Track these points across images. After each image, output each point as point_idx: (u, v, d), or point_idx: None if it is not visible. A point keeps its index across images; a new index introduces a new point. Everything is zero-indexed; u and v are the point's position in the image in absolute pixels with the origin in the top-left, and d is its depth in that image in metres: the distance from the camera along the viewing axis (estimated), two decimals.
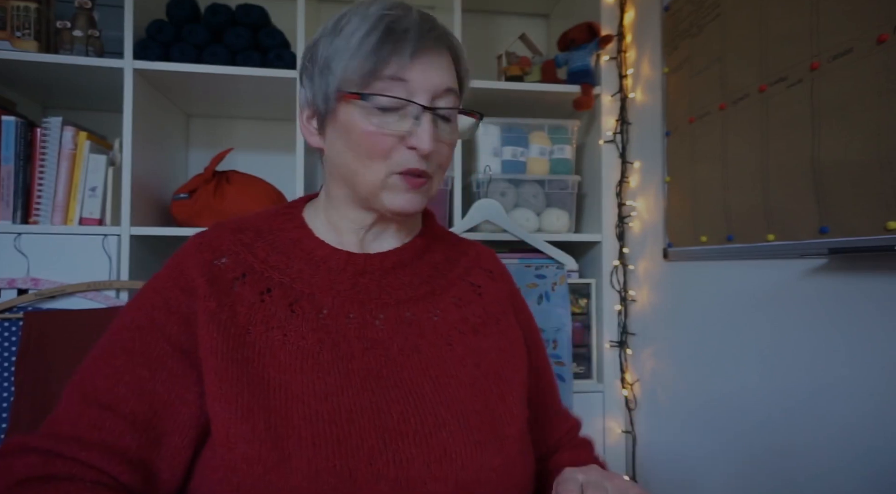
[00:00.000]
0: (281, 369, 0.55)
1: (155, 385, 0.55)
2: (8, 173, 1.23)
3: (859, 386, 0.80)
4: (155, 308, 0.58)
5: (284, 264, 0.62)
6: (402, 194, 0.60)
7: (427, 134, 0.57)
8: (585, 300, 1.48)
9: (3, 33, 1.27)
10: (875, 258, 0.77)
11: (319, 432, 0.52)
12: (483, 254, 0.76)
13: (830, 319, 0.84)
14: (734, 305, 1.06)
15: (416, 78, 0.57)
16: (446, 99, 0.60)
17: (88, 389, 0.55)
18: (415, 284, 0.65)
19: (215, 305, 0.57)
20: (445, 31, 0.61)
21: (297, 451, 0.50)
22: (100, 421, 0.52)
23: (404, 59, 0.57)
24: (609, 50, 1.47)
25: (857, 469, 0.79)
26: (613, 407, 1.43)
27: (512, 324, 0.69)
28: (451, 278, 0.68)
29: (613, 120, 1.47)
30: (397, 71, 0.57)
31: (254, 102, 1.57)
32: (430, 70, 0.58)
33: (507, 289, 0.73)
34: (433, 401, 0.57)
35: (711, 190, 1.10)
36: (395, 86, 0.57)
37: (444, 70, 0.60)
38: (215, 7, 1.37)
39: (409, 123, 0.58)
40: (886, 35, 0.73)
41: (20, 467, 0.50)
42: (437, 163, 0.61)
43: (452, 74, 0.61)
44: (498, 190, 1.45)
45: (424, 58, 0.58)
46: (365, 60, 0.56)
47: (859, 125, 0.77)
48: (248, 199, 1.39)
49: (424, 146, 0.57)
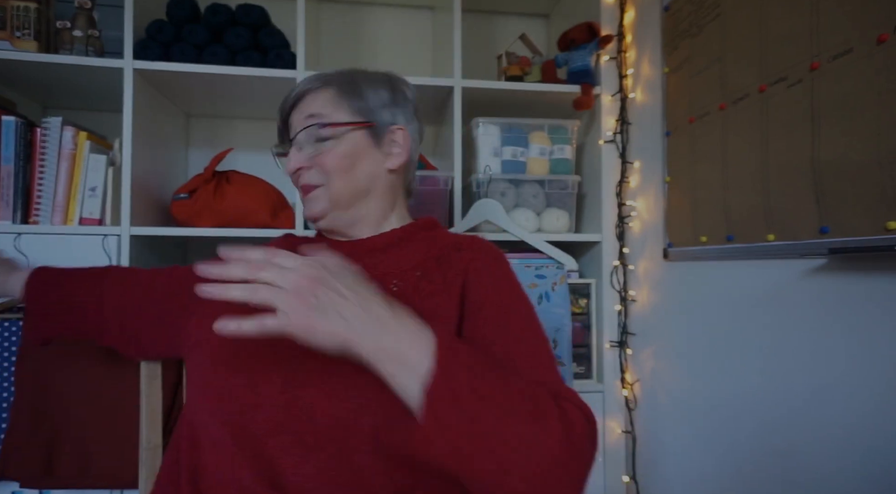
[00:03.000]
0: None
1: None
2: (8, 173, 1.23)
3: (860, 386, 0.80)
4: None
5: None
6: (305, 204, 0.82)
7: (290, 161, 0.80)
8: (585, 300, 1.48)
9: (3, 33, 1.27)
10: (875, 258, 0.77)
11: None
12: (466, 240, 0.81)
13: (830, 319, 0.84)
14: (734, 305, 1.06)
15: (292, 121, 0.82)
16: (304, 123, 0.79)
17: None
18: (386, 263, 0.77)
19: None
20: (316, 77, 0.82)
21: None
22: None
23: (283, 115, 0.84)
24: (609, 50, 1.47)
25: (858, 469, 0.79)
26: (613, 407, 1.43)
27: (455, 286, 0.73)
28: (404, 267, 0.76)
29: (613, 120, 1.47)
30: (283, 123, 0.85)
31: (254, 102, 1.57)
32: (297, 112, 0.81)
33: (468, 257, 0.76)
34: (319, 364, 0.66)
35: (711, 190, 1.10)
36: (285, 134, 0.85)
37: (306, 106, 0.80)
38: (215, 7, 1.37)
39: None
40: (886, 35, 0.73)
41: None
42: (323, 173, 0.78)
43: (319, 102, 0.79)
44: (498, 190, 1.45)
45: (292, 105, 0.82)
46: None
47: (859, 125, 0.77)
48: (248, 199, 1.39)
49: (287, 170, 0.80)
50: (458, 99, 1.44)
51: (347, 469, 0.62)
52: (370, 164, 0.80)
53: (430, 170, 1.51)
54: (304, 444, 0.62)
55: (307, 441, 0.62)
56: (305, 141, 0.79)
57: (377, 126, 0.81)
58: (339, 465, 0.62)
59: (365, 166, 0.79)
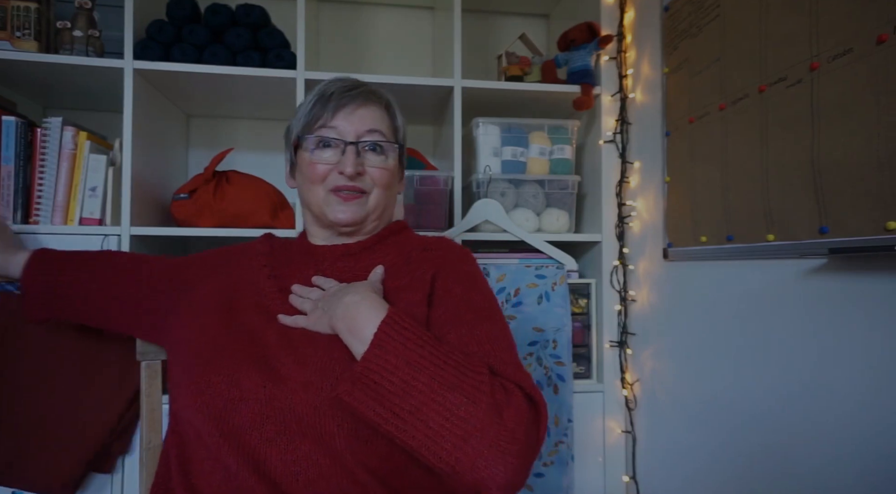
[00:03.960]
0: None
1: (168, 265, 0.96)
2: (8, 174, 1.23)
3: (860, 386, 0.80)
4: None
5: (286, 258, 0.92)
6: (337, 206, 0.83)
7: (349, 160, 0.80)
8: (585, 300, 1.48)
9: (3, 33, 1.27)
10: (875, 258, 0.77)
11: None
12: (434, 241, 0.88)
13: (830, 319, 0.84)
14: (734, 305, 1.06)
15: (340, 124, 0.82)
16: (371, 136, 0.83)
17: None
18: (360, 266, 0.85)
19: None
20: (369, 91, 0.85)
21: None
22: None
23: (329, 113, 0.82)
24: (609, 50, 1.47)
25: (858, 468, 0.79)
26: (613, 407, 1.43)
27: (423, 280, 0.79)
28: (392, 259, 0.85)
29: (613, 120, 1.47)
30: (325, 121, 0.82)
31: (254, 102, 1.57)
32: (350, 118, 0.82)
33: (437, 255, 0.84)
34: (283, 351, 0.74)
35: (711, 190, 1.10)
36: (326, 132, 0.82)
37: (366, 116, 0.83)
38: (215, 7, 1.37)
39: (339, 156, 0.82)
40: (886, 35, 0.73)
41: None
42: (371, 183, 0.84)
43: (378, 119, 0.84)
44: (498, 190, 1.45)
45: (346, 110, 0.82)
46: (304, 120, 0.84)
47: (859, 125, 0.77)
48: (248, 199, 1.39)
49: (347, 169, 0.80)
50: (458, 99, 1.44)
51: (328, 453, 0.67)
52: (395, 183, 0.90)
53: (430, 170, 1.51)
54: (287, 433, 0.67)
55: (289, 430, 0.67)
56: (362, 147, 0.83)
57: (402, 149, 0.90)
58: (319, 450, 0.67)
59: (394, 185, 0.89)
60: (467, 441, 0.59)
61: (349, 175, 0.81)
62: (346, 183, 0.81)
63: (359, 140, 0.82)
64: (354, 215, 0.83)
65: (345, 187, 0.82)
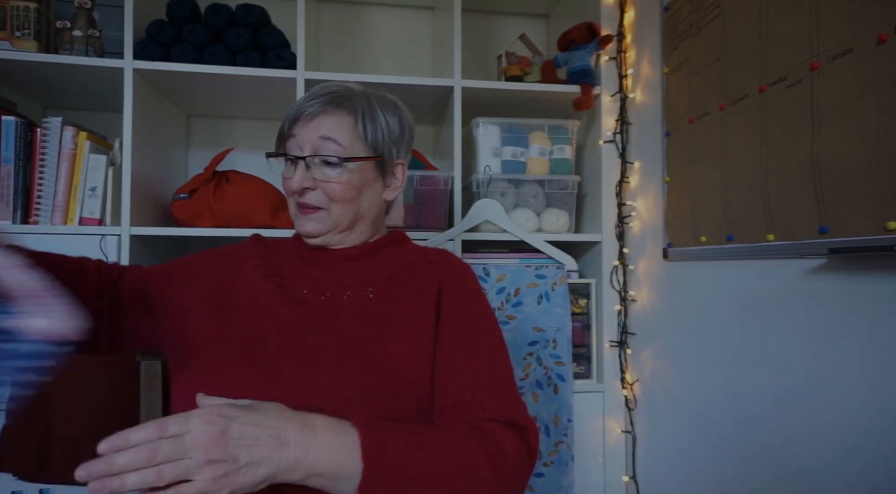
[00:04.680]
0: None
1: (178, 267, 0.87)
2: (8, 174, 1.23)
3: (860, 386, 0.80)
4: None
5: (281, 260, 0.86)
6: (300, 219, 0.81)
7: (297, 176, 0.78)
8: (585, 300, 1.48)
9: (3, 33, 1.27)
10: (875, 258, 0.77)
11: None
12: (434, 254, 0.86)
13: (830, 319, 0.84)
14: (734, 305, 1.06)
15: (299, 133, 0.79)
16: (326, 148, 0.77)
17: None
18: (359, 272, 0.81)
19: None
20: (339, 97, 0.79)
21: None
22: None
23: (288, 122, 0.80)
24: (609, 50, 1.47)
25: (858, 468, 0.79)
26: (613, 407, 1.43)
27: (428, 297, 0.78)
28: (393, 267, 0.82)
29: (613, 120, 1.47)
30: (288, 130, 0.80)
31: (254, 102, 1.57)
32: (306, 127, 0.78)
33: (441, 270, 0.82)
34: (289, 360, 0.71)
35: (711, 190, 1.10)
36: (291, 142, 0.80)
37: (323, 125, 0.78)
38: (215, 7, 1.37)
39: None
40: (886, 35, 0.73)
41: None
42: (325, 198, 0.79)
43: (338, 127, 0.78)
44: (498, 190, 1.45)
45: (305, 119, 0.78)
46: (280, 128, 0.83)
47: (859, 125, 0.77)
48: (248, 199, 1.39)
49: (293, 186, 0.79)
50: (458, 99, 1.44)
51: None
52: (371, 194, 0.83)
53: (430, 170, 1.51)
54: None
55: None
56: (313, 161, 0.78)
57: (384, 161, 0.83)
58: None
59: (367, 196, 0.82)
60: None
61: (294, 191, 0.79)
62: (300, 200, 0.80)
63: (311, 153, 0.77)
64: (316, 228, 0.80)
65: (300, 203, 0.80)
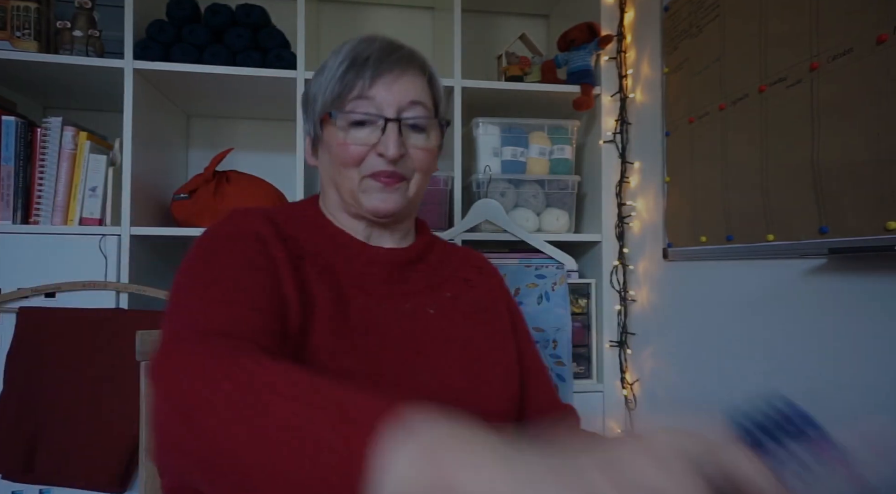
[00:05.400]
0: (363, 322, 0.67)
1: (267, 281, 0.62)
2: (8, 174, 1.23)
3: (860, 386, 0.80)
4: (240, 253, 0.63)
5: (311, 243, 0.70)
6: (376, 193, 0.69)
7: (391, 141, 0.67)
8: (585, 300, 1.48)
9: (3, 33, 1.27)
10: (875, 258, 0.77)
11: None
12: (472, 254, 0.86)
13: (830, 319, 0.84)
14: (734, 305, 1.06)
15: (379, 95, 0.68)
16: (413, 110, 0.69)
17: (206, 299, 0.58)
18: (413, 280, 0.74)
19: (283, 255, 0.66)
20: (410, 54, 0.71)
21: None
22: (240, 315, 0.56)
23: (366, 82, 0.68)
24: (609, 50, 1.47)
25: None
26: (613, 407, 1.43)
27: (500, 313, 0.79)
28: (446, 275, 0.78)
29: (613, 120, 1.47)
30: (361, 91, 0.68)
31: (254, 102, 1.57)
32: (392, 87, 0.68)
33: (496, 280, 0.83)
34: (424, 380, 0.66)
35: (711, 190, 1.10)
36: (362, 104, 0.68)
37: (409, 86, 0.69)
38: (215, 7, 1.37)
39: (378, 134, 0.68)
40: (886, 35, 0.73)
41: (225, 347, 0.49)
42: (412, 167, 0.70)
43: (420, 89, 0.70)
44: (498, 190, 1.45)
45: (386, 78, 0.68)
46: (334, 88, 0.69)
47: (859, 125, 0.77)
48: (249, 199, 1.39)
49: (389, 151, 0.67)
50: (458, 99, 1.44)
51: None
52: (434, 167, 0.77)
53: None
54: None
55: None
56: (411, 126, 0.70)
57: (444, 127, 0.75)
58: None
59: (434, 169, 0.76)
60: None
61: (392, 158, 0.67)
62: (387, 168, 0.68)
63: (400, 115, 0.69)
64: (396, 204, 0.70)
65: (385, 173, 0.68)
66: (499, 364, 0.73)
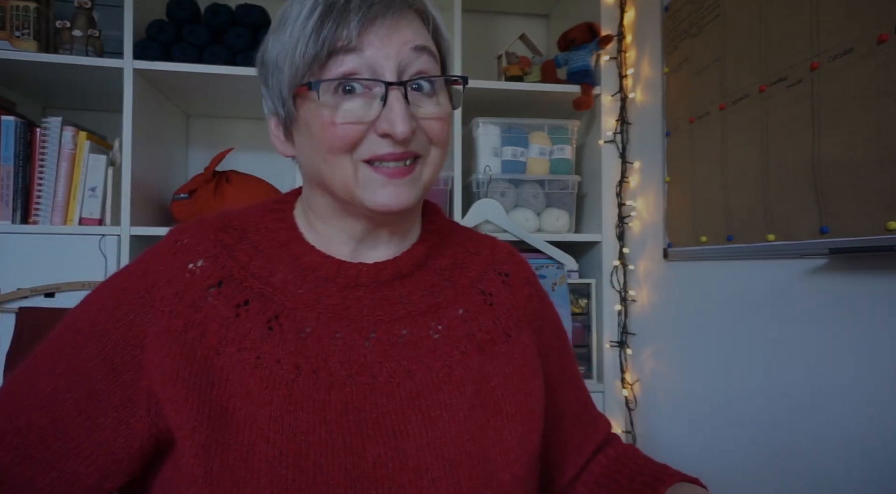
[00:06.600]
0: (248, 398, 0.49)
1: (66, 402, 0.49)
2: (8, 174, 1.23)
3: (860, 386, 0.79)
4: (101, 310, 0.52)
5: (267, 271, 0.54)
6: (379, 188, 0.51)
7: (398, 115, 0.48)
8: (585, 300, 1.48)
9: (3, 33, 1.27)
10: (875, 258, 0.77)
11: (281, 478, 0.46)
12: (499, 253, 0.67)
13: (831, 319, 0.84)
14: (734, 305, 1.06)
15: (372, 47, 0.48)
16: (419, 63, 0.50)
17: (5, 389, 0.52)
18: (415, 297, 0.57)
19: (182, 323, 0.50)
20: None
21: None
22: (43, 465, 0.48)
23: (352, 32, 0.47)
24: (609, 50, 1.47)
25: (859, 469, 0.79)
26: (613, 407, 1.43)
27: (524, 340, 0.61)
28: (460, 286, 0.60)
29: (613, 120, 1.47)
30: (345, 44, 0.48)
31: (254, 102, 1.57)
32: (388, 34, 0.49)
33: (524, 294, 0.65)
34: (417, 441, 0.50)
35: (711, 190, 1.10)
36: (349, 63, 0.48)
37: (409, 30, 0.50)
38: (215, 7, 1.37)
39: (376, 107, 0.49)
40: (886, 35, 0.73)
41: None
42: (425, 142, 0.52)
43: (423, 33, 0.52)
44: (498, 190, 1.45)
45: (378, 23, 0.48)
46: (308, 47, 0.48)
47: (859, 125, 0.77)
48: (248, 199, 1.39)
49: (397, 129, 0.48)
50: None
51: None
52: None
53: None
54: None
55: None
56: (417, 89, 0.51)
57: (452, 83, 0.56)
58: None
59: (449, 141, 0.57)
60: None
61: (401, 138, 0.49)
62: (395, 150, 0.50)
63: (404, 78, 0.50)
64: (411, 197, 0.52)
65: (390, 155, 0.50)
66: (515, 418, 0.56)
